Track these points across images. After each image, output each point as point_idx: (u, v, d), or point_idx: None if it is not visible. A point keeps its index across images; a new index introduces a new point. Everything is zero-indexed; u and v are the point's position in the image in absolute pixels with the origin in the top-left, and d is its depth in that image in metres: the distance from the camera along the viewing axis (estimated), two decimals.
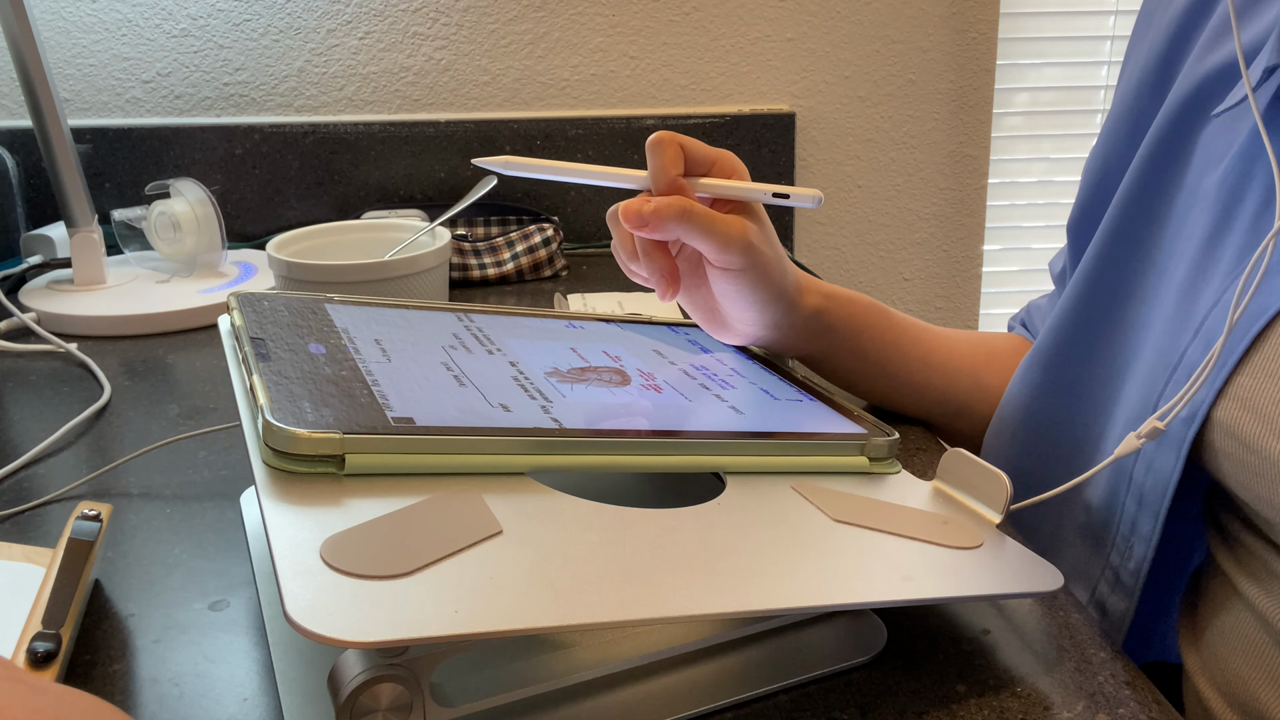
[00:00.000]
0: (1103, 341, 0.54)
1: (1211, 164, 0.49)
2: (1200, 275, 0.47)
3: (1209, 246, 0.47)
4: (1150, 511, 0.48)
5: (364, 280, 0.77)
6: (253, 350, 0.45)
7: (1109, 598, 0.52)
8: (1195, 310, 0.46)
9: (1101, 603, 0.52)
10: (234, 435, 0.66)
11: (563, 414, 0.46)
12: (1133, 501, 0.49)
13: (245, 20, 1.12)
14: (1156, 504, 0.47)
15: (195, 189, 0.95)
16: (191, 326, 0.88)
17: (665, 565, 0.38)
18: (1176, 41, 0.54)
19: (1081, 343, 0.56)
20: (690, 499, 0.44)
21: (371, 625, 0.31)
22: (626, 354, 0.57)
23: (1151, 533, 0.48)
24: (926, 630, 0.45)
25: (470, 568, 0.35)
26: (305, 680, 0.40)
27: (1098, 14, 1.26)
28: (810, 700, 0.41)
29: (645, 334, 0.62)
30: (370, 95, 1.15)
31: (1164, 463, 0.47)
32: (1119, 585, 0.51)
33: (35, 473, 0.61)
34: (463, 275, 0.99)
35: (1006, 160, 1.30)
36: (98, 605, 0.47)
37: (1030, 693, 0.41)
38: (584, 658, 0.39)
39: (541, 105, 1.18)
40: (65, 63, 1.11)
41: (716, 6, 1.17)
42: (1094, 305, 0.55)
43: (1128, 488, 0.49)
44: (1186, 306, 0.47)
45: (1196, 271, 0.47)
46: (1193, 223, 0.49)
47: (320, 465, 0.39)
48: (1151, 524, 0.48)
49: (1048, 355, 0.58)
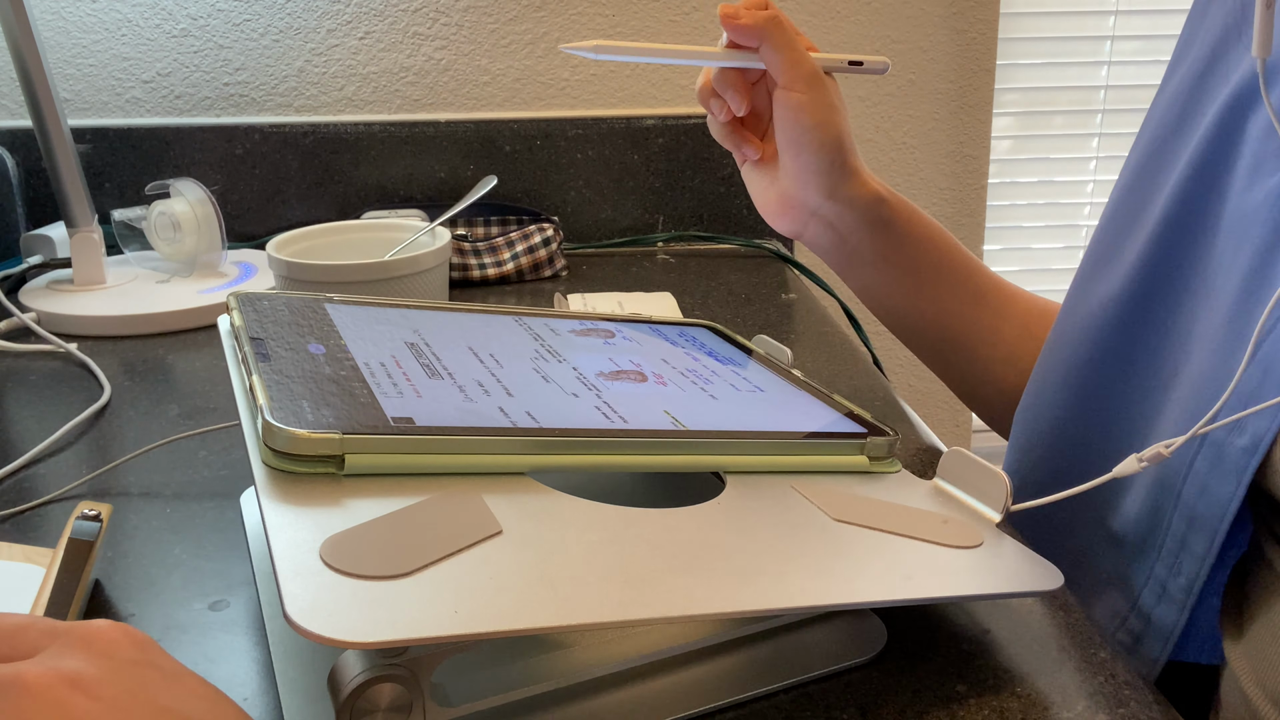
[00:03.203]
0: (1146, 352, 0.52)
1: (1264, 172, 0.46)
2: (1253, 294, 0.45)
3: (1263, 263, 0.45)
4: (1205, 533, 0.46)
5: (364, 280, 0.77)
6: (252, 350, 0.45)
7: (1155, 609, 0.50)
8: (1248, 329, 0.45)
9: (1147, 614, 0.51)
10: (234, 435, 0.66)
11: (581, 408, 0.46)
12: (1181, 520, 0.48)
13: (245, 20, 1.12)
14: (1212, 526, 0.46)
15: (195, 189, 0.95)
16: (191, 326, 0.88)
17: (665, 565, 0.38)
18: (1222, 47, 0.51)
19: (1122, 351, 0.54)
20: (690, 499, 0.44)
21: (371, 625, 0.31)
22: (618, 353, 0.57)
23: (1206, 554, 0.46)
24: (926, 630, 0.45)
25: (470, 568, 0.35)
26: (305, 680, 0.40)
27: (1098, 14, 1.26)
28: (810, 700, 0.41)
29: (645, 333, 0.62)
30: (370, 95, 1.15)
31: (1222, 489, 0.45)
32: (1166, 596, 0.50)
33: (35, 473, 0.61)
34: (463, 275, 0.99)
35: (1006, 160, 1.30)
36: (98, 605, 0.47)
37: (1030, 693, 0.41)
38: (584, 658, 0.39)
39: (541, 105, 1.18)
40: (65, 63, 1.11)
41: (716, 6, 1.17)
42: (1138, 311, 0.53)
43: (1175, 505, 0.48)
44: (1239, 325, 0.45)
45: (1249, 289, 0.46)
46: (1243, 235, 0.47)
47: (320, 465, 0.39)
48: (1206, 545, 0.46)
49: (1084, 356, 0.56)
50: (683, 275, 1.04)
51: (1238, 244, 0.47)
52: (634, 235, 1.18)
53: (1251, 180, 0.47)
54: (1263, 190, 0.46)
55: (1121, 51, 1.28)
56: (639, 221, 1.18)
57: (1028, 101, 1.28)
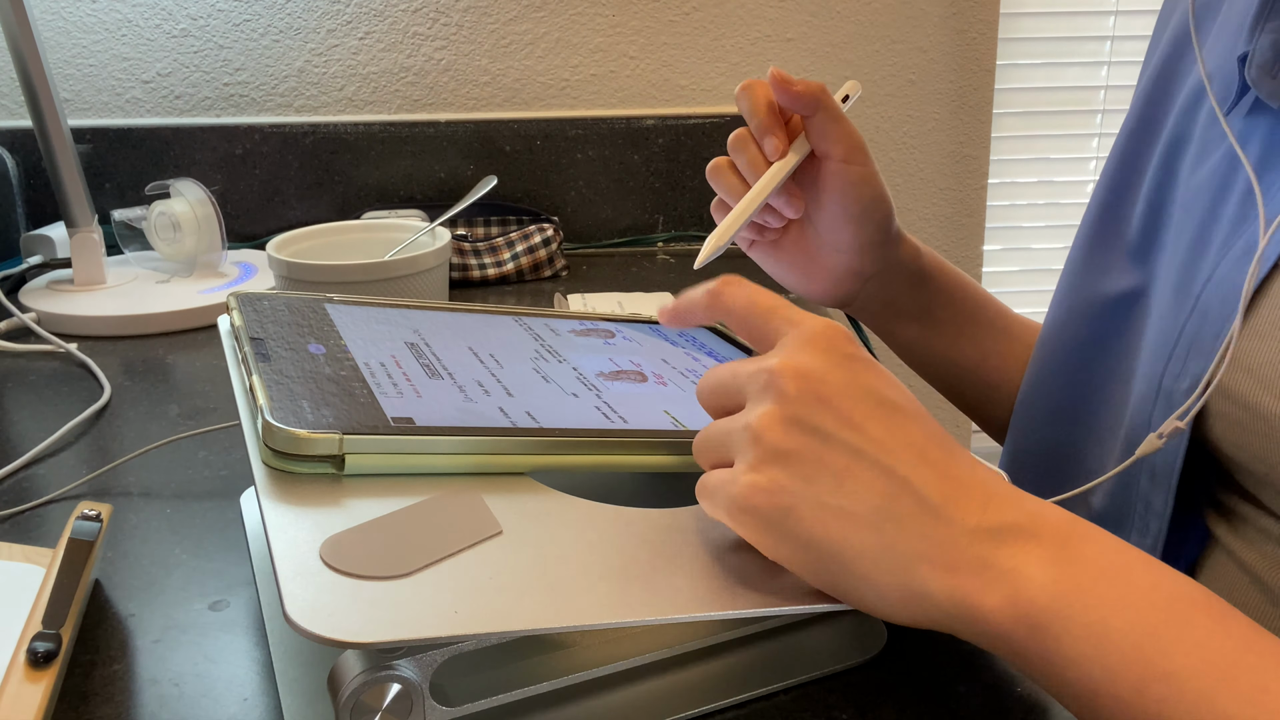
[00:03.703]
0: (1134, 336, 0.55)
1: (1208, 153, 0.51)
2: (1195, 260, 0.49)
3: (1204, 230, 0.49)
4: (1162, 486, 0.49)
5: (364, 280, 0.77)
6: (253, 350, 0.45)
7: None
8: (1192, 287, 0.48)
9: None
10: (234, 435, 0.66)
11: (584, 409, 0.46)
12: (1146, 479, 0.50)
13: (245, 20, 1.12)
14: (1167, 478, 0.48)
15: (195, 189, 0.96)
16: (191, 326, 0.88)
17: (665, 566, 0.38)
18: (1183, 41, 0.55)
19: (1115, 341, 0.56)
20: (691, 499, 0.44)
21: (371, 625, 0.31)
22: (618, 353, 0.57)
23: (1164, 507, 0.49)
24: (926, 630, 0.45)
25: (470, 568, 0.35)
26: (305, 680, 0.40)
27: (1098, 14, 1.26)
28: (810, 700, 0.41)
29: (645, 333, 0.62)
30: (370, 95, 1.15)
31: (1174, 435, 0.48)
32: None
33: (35, 473, 0.61)
34: (463, 275, 0.99)
35: (1006, 160, 1.30)
36: (98, 605, 0.47)
37: (1030, 692, 0.41)
38: (584, 658, 0.39)
39: (541, 105, 1.18)
40: (65, 63, 1.11)
41: (716, 6, 1.17)
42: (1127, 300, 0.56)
43: (1141, 466, 0.50)
44: (1185, 284, 0.49)
45: (1192, 256, 0.49)
46: (1189, 211, 0.51)
47: (320, 465, 0.39)
48: (1164, 498, 0.48)
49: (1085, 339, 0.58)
50: (683, 275, 1.04)
51: (1184, 219, 0.50)
52: (634, 235, 1.18)
53: (1198, 163, 0.50)
54: (1206, 168, 0.49)
55: (1121, 51, 1.28)
56: (639, 221, 1.18)
57: (1028, 101, 1.28)
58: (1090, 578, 0.34)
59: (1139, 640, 0.33)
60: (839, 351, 0.38)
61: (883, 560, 0.36)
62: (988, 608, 0.35)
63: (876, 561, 0.36)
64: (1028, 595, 0.34)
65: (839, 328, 0.39)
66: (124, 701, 0.41)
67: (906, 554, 0.35)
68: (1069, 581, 0.34)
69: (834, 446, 0.36)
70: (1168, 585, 0.34)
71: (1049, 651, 0.34)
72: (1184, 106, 0.53)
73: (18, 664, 0.40)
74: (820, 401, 0.36)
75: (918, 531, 0.36)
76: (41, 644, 0.40)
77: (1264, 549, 0.45)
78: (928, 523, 0.36)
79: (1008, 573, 0.35)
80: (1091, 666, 0.33)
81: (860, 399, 0.37)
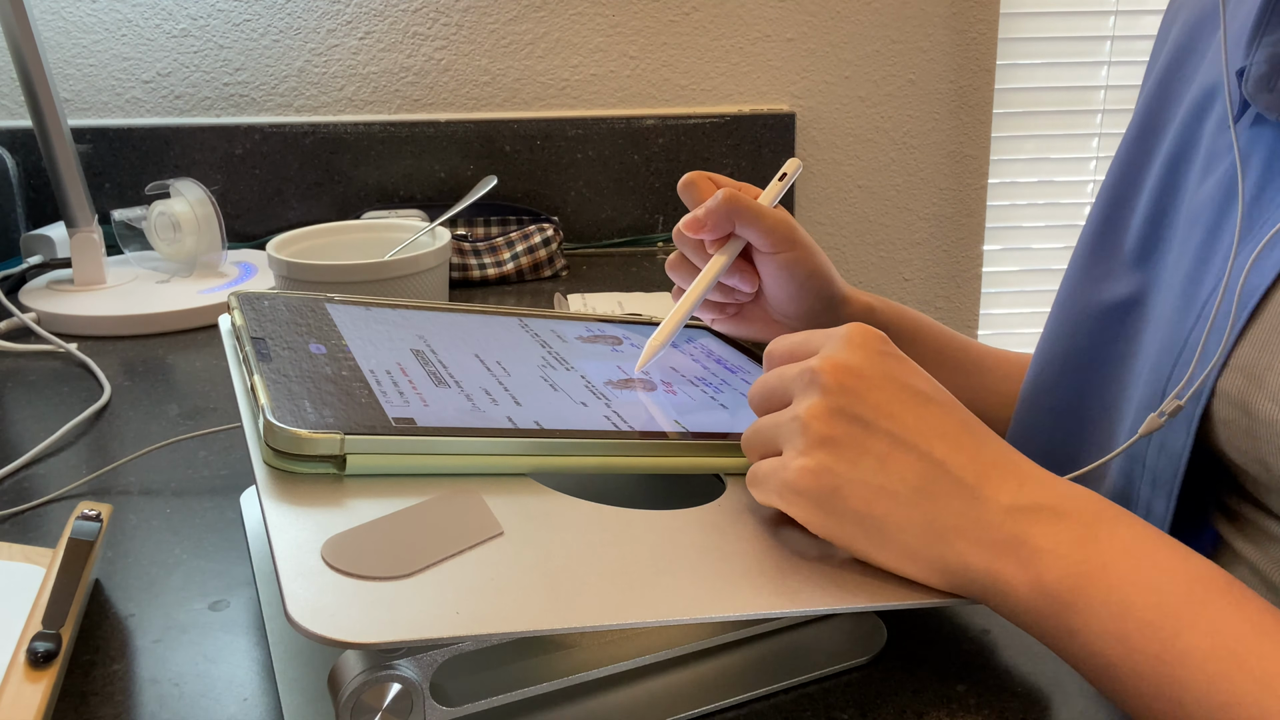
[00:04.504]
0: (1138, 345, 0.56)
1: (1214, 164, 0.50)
2: (1200, 269, 0.49)
3: (1211, 239, 0.49)
4: (1163, 492, 0.49)
5: (364, 280, 0.77)
6: (253, 350, 0.45)
7: None
8: (1198, 295, 0.49)
9: None
10: (234, 435, 0.66)
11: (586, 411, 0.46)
12: (1147, 485, 0.50)
13: (245, 20, 1.12)
14: (1169, 484, 0.48)
15: (195, 189, 0.96)
16: (191, 326, 0.88)
17: (666, 567, 0.38)
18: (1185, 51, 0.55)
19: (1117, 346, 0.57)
20: (691, 500, 0.44)
21: (372, 625, 0.31)
22: (626, 361, 0.57)
23: (1165, 512, 0.49)
24: (926, 630, 0.45)
25: (471, 569, 0.35)
26: (305, 680, 0.40)
27: (1098, 14, 1.26)
28: (810, 700, 0.41)
29: (644, 334, 0.62)
30: (370, 95, 1.15)
31: (1174, 441, 0.48)
32: None
33: (35, 473, 0.61)
34: (463, 275, 0.99)
35: (1006, 160, 1.30)
36: (98, 605, 0.47)
37: (1030, 693, 0.41)
38: (584, 658, 0.39)
39: (541, 105, 1.18)
40: (65, 63, 1.11)
41: (716, 6, 1.17)
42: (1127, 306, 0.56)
43: (1142, 472, 0.51)
44: (1191, 293, 0.49)
45: (1197, 265, 0.49)
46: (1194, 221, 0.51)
47: (321, 465, 0.39)
48: (1165, 504, 0.49)
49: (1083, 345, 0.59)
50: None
51: (1189, 227, 0.51)
52: (634, 235, 1.18)
53: (1205, 174, 0.51)
54: (1213, 180, 0.50)
55: (1121, 51, 1.28)
56: (639, 221, 1.18)
57: (1028, 101, 1.28)
58: (1115, 558, 0.36)
59: (1157, 619, 0.35)
60: (874, 350, 0.42)
61: (923, 535, 0.39)
62: (1018, 582, 0.37)
63: (917, 535, 0.39)
64: (1056, 573, 0.37)
65: (873, 330, 0.43)
66: (124, 701, 0.41)
67: (944, 529, 0.39)
68: (1095, 561, 0.36)
69: (875, 433, 0.40)
70: (1189, 568, 0.36)
71: (1072, 626, 0.36)
72: (1188, 116, 0.54)
73: (18, 664, 0.40)
74: (860, 393, 0.40)
75: (955, 509, 0.39)
76: (41, 644, 0.40)
77: (1272, 553, 0.45)
78: (965, 500, 0.39)
79: (1039, 551, 0.37)
80: (1112, 642, 0.35)
81: (896, 391, 0.41)
